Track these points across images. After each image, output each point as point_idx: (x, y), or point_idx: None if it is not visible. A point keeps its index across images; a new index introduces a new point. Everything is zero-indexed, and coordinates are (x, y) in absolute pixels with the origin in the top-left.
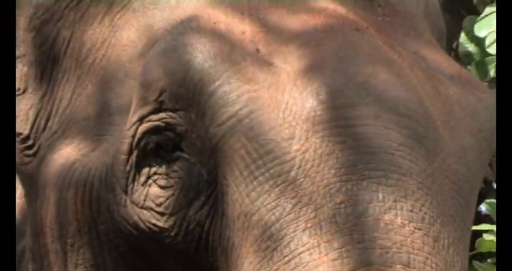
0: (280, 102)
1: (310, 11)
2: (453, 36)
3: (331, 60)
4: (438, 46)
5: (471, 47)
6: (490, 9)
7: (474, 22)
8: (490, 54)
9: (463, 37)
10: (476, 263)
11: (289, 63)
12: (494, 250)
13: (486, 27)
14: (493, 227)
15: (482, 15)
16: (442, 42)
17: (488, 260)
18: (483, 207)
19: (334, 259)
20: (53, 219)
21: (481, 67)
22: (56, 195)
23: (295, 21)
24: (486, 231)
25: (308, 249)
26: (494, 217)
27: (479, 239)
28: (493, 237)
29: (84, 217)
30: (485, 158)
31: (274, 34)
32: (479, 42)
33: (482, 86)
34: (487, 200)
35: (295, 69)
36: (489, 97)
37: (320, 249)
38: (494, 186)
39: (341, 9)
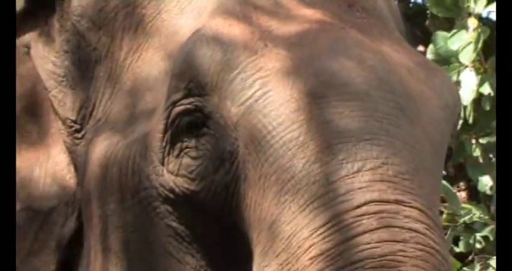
0: (286, 84)
1: (303, 16)
2: None
3: (326, 50)
4: (406, 41)
5: (434, 57)
6: (460, 25)
7: (441, 37)
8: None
9: (430, 49)
10: None
11: (292, 52)
12: (443, 223)
13: (457, 41)
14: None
15: (453, 32)
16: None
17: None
18: None
19: (345, 199)
20: (98, 190)
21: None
22: (102, 170)
23: (293, 24)
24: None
25: (318, 198)
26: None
27: None
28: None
29: (127, 187)
30: (450, 128)
31: (277, 33)
32: (445, 53)
33: (442, 71)
34: None
35: (297, 56)
36: (448, 80)
37: (330, 196)
38: None
39: (328, 14)
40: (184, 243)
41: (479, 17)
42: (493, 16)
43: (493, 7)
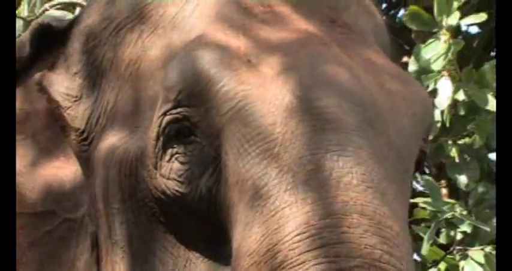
0: (266, 97)
1: (289, 30)
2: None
3: (304, 66)
4: (383, 54)
5: (416, 67)
6: (434, 37)
7: (419, 48)
8: (432, 71)
9: (411, 60)
10: (413, 226)
11: (273, 69)
12: (426, 217)
13: (430, 51)
14: (426, 199)
15: (427, 43)
16: (387, 53)
17: (422, 224)
18: (418, 185)
19: (308, 212)
20: (103, 191)
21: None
22: (105, 172)
23: (278, 37)
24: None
25: (288, 205)
26: (428, 191)
27: (416, 209)
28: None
29: (126, 187)
30: (419, 135)
31: (262, 47)
32: (423, 63)
33: (416, 82)
34: (425, 176)
35: (277, 72)
36: (421, 90)
37: (297, 205)
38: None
39: (312, 29)
40: (177, 238)
41: (452, 30)
42: (470, 29)
43: (467, 20)
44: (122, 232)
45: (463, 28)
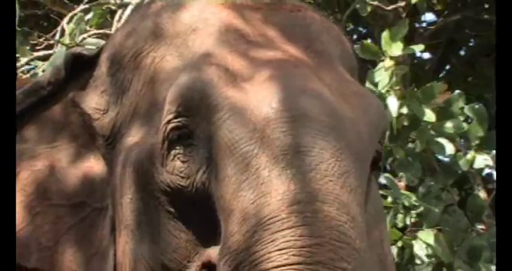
0: (248, 109)
1: (267, 55)
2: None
3: (279, 84)
4: (347, 74)
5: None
6: (381, 65)
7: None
8: (381, 92)
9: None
10: None
11: (253, 86)
12: (389, 205)
13: (377, 76)
14: (387, 190)
15: (376, 69)
16: (354, 74)
17: (384, 211)
18: (382, 179)
19: (279, 200)
20: (120, 184)
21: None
22: (121, 170)
23: (258, 62)
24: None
25: (264, 195)
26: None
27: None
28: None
29: (138, 182)
30: (374, 139)
31: (247, 68)
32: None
33: (372, 95)
34: (385, 174)
35: (257, 89)
36: (377, 103)
37: (271, 195)
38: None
39: (287, 54)
40: (179, 223)
41: (395, 58)
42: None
43: (408, 51)
44: (132, 218)
45: (418, 54)
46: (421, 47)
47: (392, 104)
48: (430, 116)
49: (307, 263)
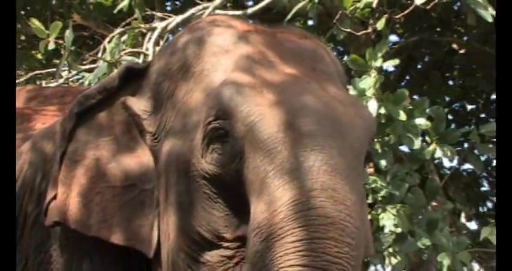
0: (273, 114)
1: (284, 72)
2: None
3: (297, 95)
4: (344, 88)
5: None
6: (366, 75)
7: (356, 81)
8: (363, 96)
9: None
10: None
11: (277, 95)
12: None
13: (364, 83)
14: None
15: (362, 78)
16: (345, 88)
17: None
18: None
19: (302, 185)
20: (165, 172)
21: None
22: (166, 159)
23: (278, 77)
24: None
25: (289, 182)
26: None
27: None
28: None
29: (181, 169)
30: (367, 141)
31: (269, 82)
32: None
33: (364, 106)
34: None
35: (280, 98)
36: (368, 112)
37: (294, 182)
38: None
39: (299, 72)
40: (213, 202)
41: (378, 69)
42: (389, 68)
43: (387, 64)
44: (174, 198)
45: (385, 68)
46: (397, 61)
47: (373, 105)
48: (402, 115)
49: (322, 238)
